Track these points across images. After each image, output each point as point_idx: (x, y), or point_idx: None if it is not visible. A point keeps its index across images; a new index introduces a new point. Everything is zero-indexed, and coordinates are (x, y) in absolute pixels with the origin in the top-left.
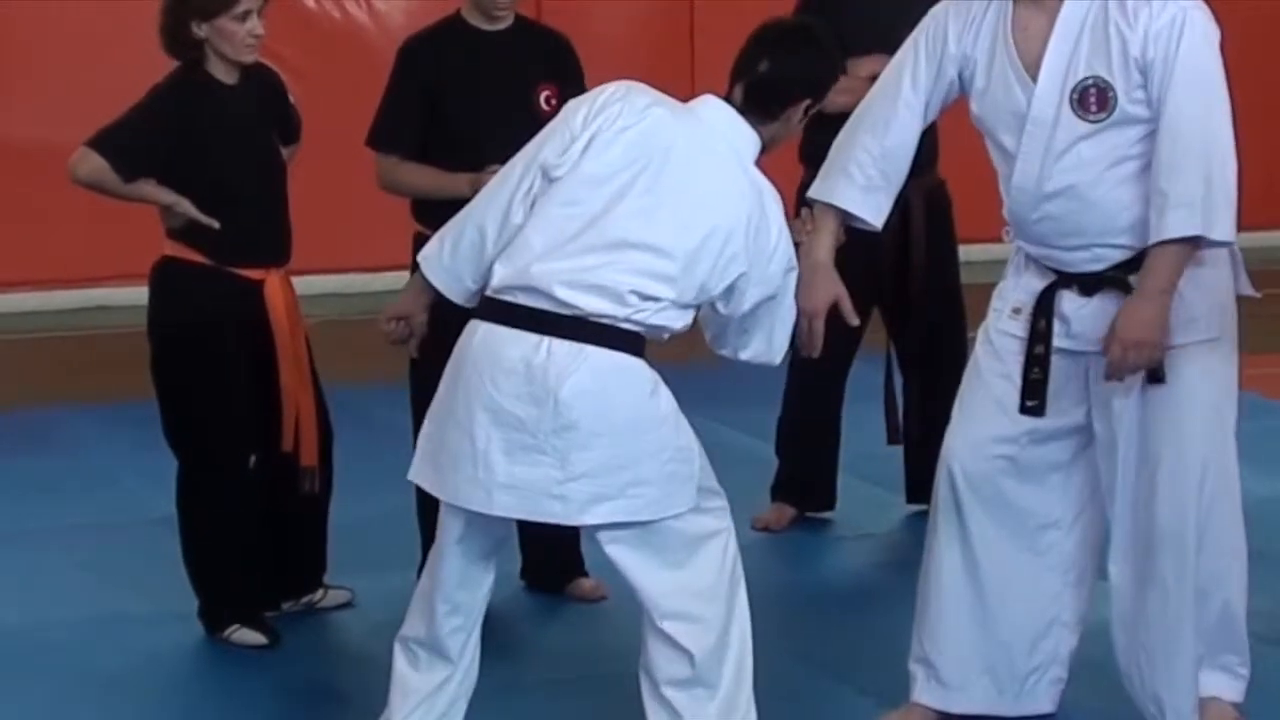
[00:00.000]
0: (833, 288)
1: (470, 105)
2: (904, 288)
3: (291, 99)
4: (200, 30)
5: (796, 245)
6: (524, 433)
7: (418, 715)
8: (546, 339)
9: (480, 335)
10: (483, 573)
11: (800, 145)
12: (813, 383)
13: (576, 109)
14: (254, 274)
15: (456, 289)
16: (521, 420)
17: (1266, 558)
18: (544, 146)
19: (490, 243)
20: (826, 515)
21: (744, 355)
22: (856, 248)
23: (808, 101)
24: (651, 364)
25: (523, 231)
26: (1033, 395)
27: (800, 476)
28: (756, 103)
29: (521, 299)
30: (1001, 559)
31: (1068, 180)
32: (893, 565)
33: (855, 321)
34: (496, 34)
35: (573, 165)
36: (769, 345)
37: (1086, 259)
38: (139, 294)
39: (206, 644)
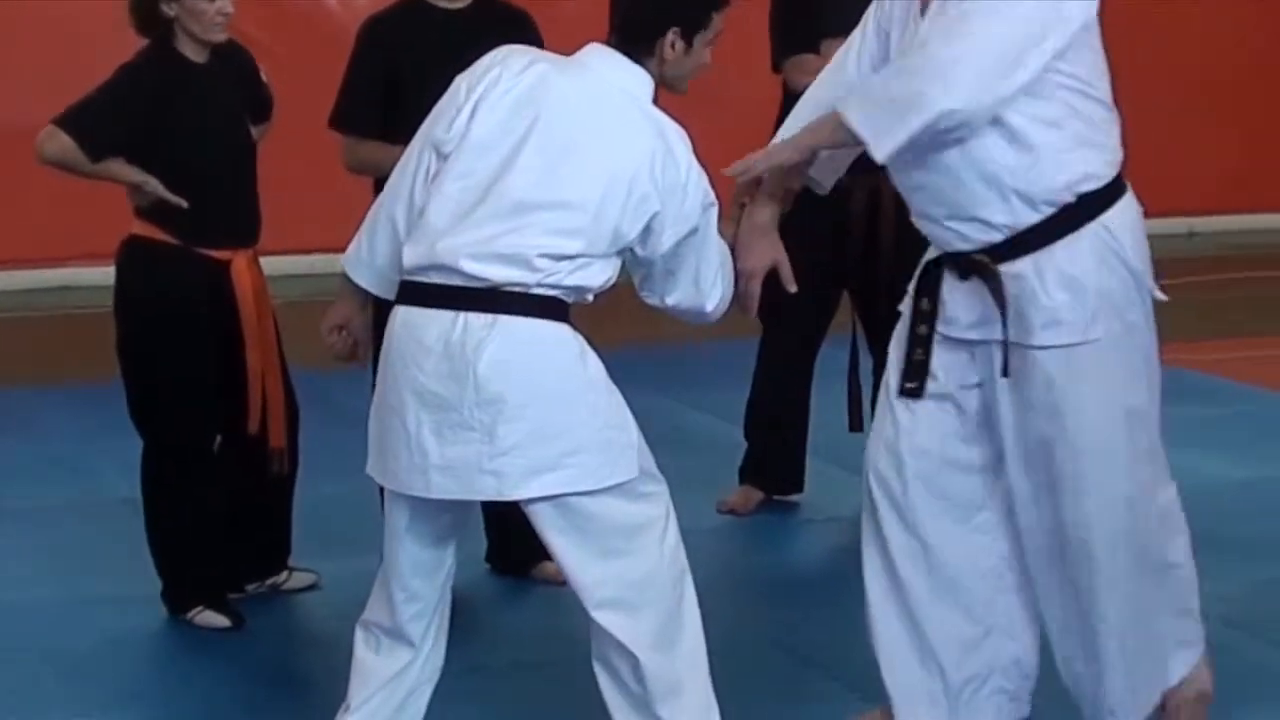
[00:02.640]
0: (770, 251)
1: (431, 83)
2: (872, 270)
3: (264, 77)
4: (170, 9)
5: (741, 207)
6: (449, 411)
7: (378, 700)
8: (462, 314)
9: (400, 319)
10: (438, 559)
11: (776, 129)
12: (781, 365)
13: (460, 83)
14: (221, 254)
15: (381, 284)
16: (445, 399)
17: (1234, 543)
18: (434, 125)
19: (403, 232)
20: (794, 498)
21: (670, 300)
22: (825, 230)
23: (677, 30)
24: (621, 346)
25: (424, 211)
26: (912, 377)
27: (768, 459)
28: (629, 41)
29: (434, 278)
30: (925, 567)
31: (936, 145)
32: (859, 548)
33: (793, 287)
34: (457, 12)
35: (461, 137)
36: (695, 289)
37: (953, 237)
38: (104, 274)
39: (171, 626)
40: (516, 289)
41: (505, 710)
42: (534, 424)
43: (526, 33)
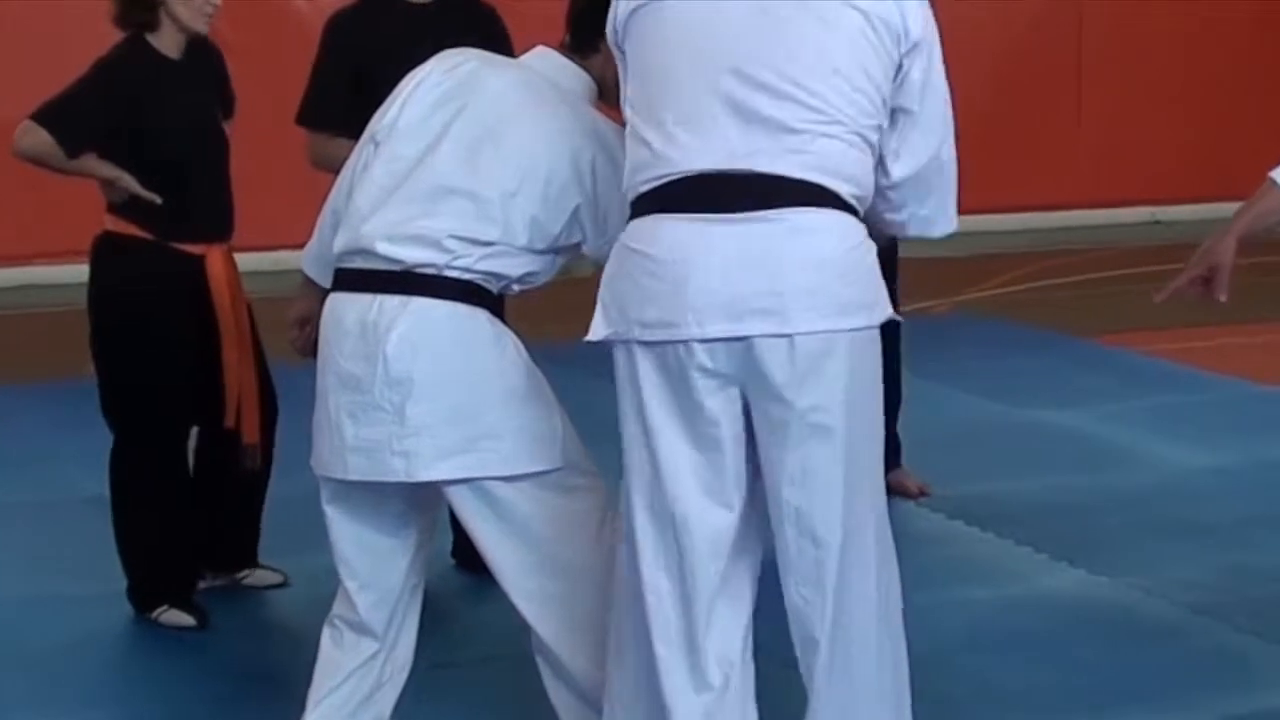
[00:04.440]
0: None
1: (398, 79)
2: None
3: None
4: None
5: None
6: (361, 392)
7: (344, 692)
8: (379, 297)
9: (328, 306)
10: (388, 547)
11: None
12: None
13: (400, 82)
14: (196, 249)
15: (331, 276)
16: (359, 380)
17: (1200, 529)
18: (374, 121)
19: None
20: None
21: None
22: None
23: None
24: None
25: (352, 197)
26: None
27: None
28: (578, 40)
29: (357, 262)
30: None
31: None
32: None
33: None
34: (423, 7)
35: (391, 126)
36: None
37: None
38: (68, 272)
39: (137, 624)
40: (429, 270)
41: (475, 706)
42: (444, 406)
43: (493, 29)
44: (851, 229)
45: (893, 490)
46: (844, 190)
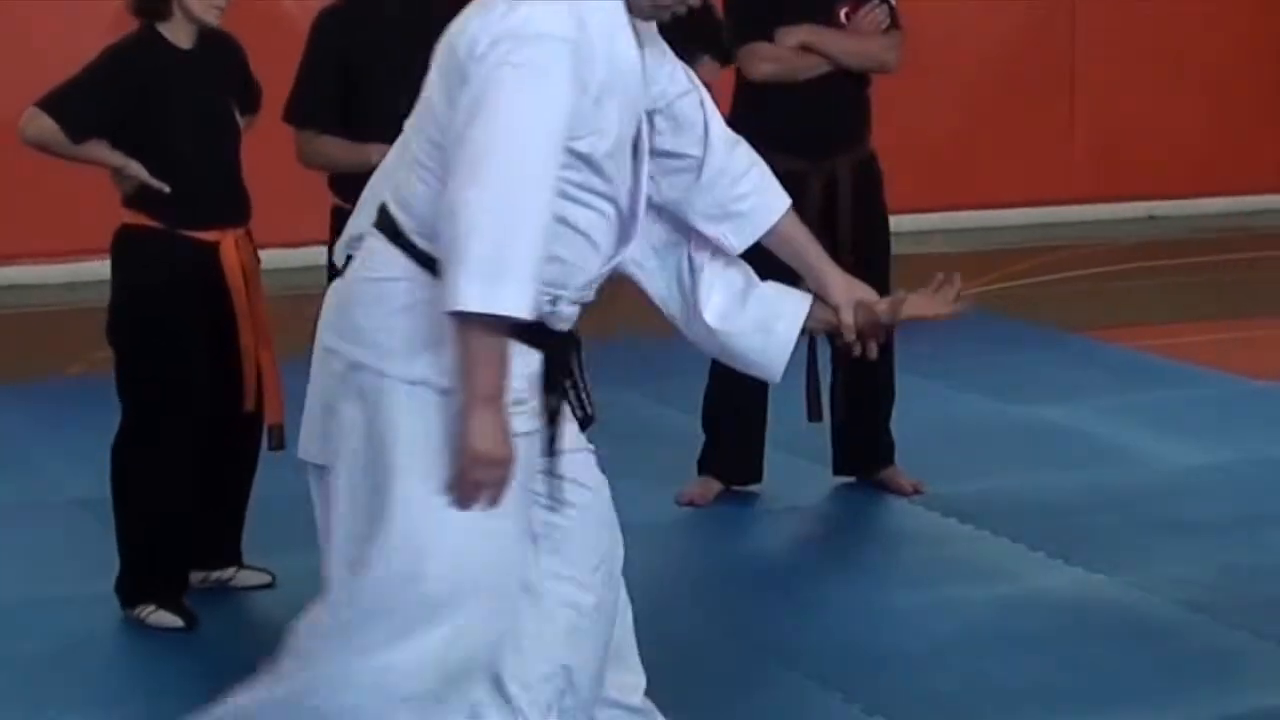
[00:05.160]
0: None
1: (386, 76)
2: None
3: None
4: None
5: None
6: None
7: None
8: None
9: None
10: None
11: (729, 120)
12: None
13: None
14: (209, 236)
15: None
16: None
17: (1195, 527)
18: None
19: None
20: (753, 488)
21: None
22: None
23: None
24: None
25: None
26: None
27: (727, 449)
28: None
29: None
30: None
31: None
32: (819, 537)
33: None
34: (412, 3)
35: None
36: None
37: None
38: (54, 272)
39: (125, 626)
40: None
41: None
42: None
43: None
44: (381, 262)
45: (886, 488)
46: (402, 221)
